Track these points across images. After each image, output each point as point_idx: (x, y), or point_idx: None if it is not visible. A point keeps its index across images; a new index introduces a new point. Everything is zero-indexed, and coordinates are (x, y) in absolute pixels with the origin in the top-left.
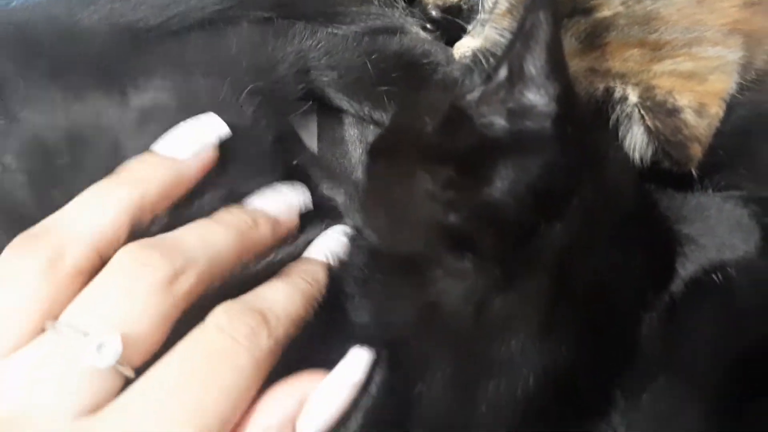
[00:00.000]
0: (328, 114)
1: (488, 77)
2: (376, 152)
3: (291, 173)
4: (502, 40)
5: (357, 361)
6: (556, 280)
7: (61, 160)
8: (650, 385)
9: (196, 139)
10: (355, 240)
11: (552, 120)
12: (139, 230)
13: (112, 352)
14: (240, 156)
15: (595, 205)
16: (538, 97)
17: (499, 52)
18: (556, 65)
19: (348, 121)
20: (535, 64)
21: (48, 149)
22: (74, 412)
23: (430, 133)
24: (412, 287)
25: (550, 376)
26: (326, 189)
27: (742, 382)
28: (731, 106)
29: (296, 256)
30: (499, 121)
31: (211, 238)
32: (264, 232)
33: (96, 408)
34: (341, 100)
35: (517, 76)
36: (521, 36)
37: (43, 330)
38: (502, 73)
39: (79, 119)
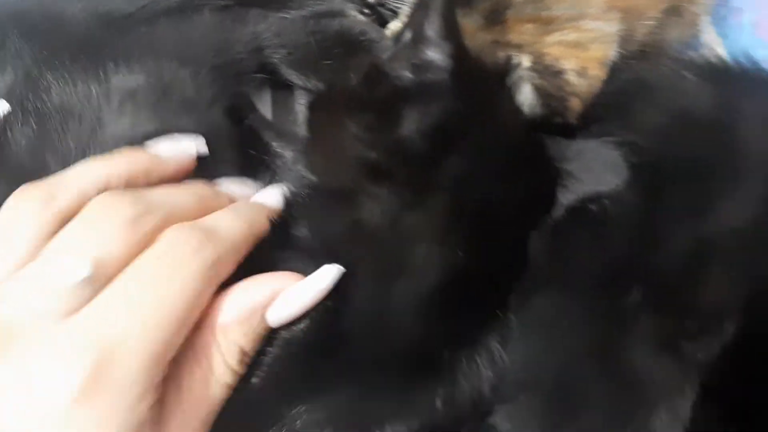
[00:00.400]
0: (281, 87)
1: (397, 40)
2: (314, 107)
3: (246, 137)
4: None
5: (329, 273)
6: (453, 200)
7: (54, 132)
8: (538, 291)
9: (179, 148)
10: (298, 180)
11: (448, 72)
12: None
13: (84, 266)
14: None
15: (487, 141)
16: (436, 55)
17: None
18: (450, 29)
19: (298, 92)
20: (432, 28)
21: (45, 120)
22: (57, 315)
23: (354, 88)
24: (343, 209)
25: (450, 276)
26: (277, 147)
27: (610, 288)
28: (616, 71)
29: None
30: (407, 75)
31: (173, 195)
32: (222, 204)
33: (74, 312)
34: (291, 75)
35: (418, 38)
36: (421, 6)
37: (36, 256)
38: (407, 35)
39: (68, 97)
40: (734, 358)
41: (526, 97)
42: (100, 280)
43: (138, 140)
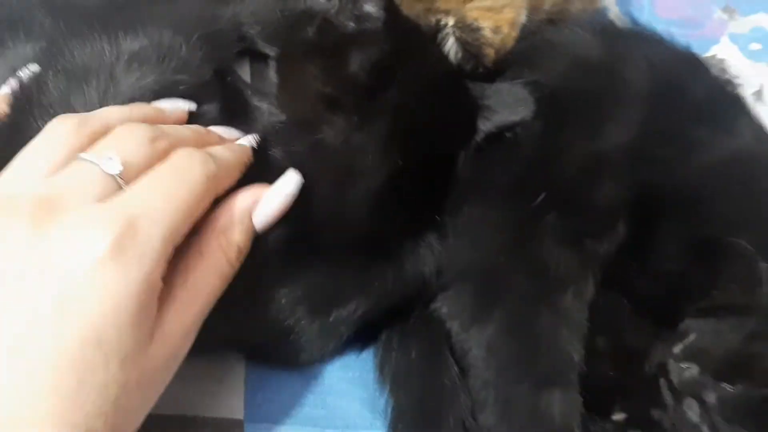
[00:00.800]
0: (258, 58)
1: None
2: (280, 57)
3: (229, 94)
4: None
5: (293, 177)
6: (392, 122)
7: (79, 86)
8: (466, 199)
9: (176, 105)
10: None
11: (382, 22)
12: None
13: (116, 165)
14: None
15: (419, 78)
16: (372, 8)
17: None
18: None
19: (271, 62)
20: None
21: (71, 77)
22: (93, 197)
23: (310, 38)
24: (306, 134)
25: (392, 181)
26: (256, 101)
27: (522, 195)
28: (526, 33)
29: None
30: (351, 24)
31: (179, 129)
32: (214, 142)
33: (106, 198)
34: (265, 47)
35: None
36: None
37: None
38: None
39: (88, 58)
40: (626, 250)
41: (450, 46)
42: (128, 177)
43: (145, 94)
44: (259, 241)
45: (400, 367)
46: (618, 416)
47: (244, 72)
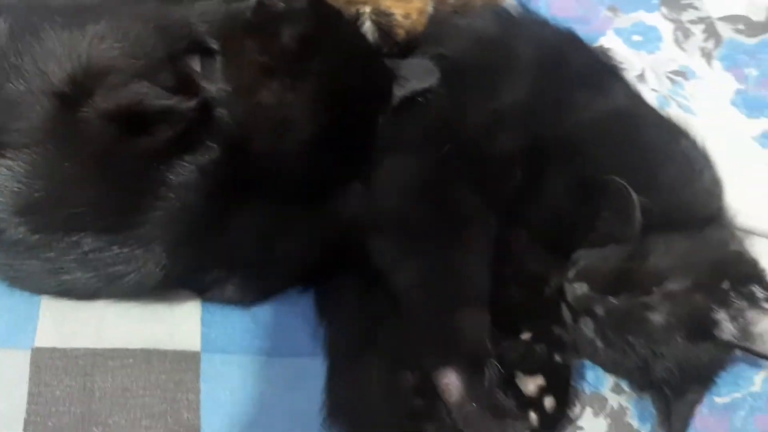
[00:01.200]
0: (206, 52)
1: None
2: (224, 37)
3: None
4: None
5: None
6: (318, 85)
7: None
8: (387, 153)
9: None
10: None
11: (307, 1)
12: None
13: None
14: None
15: (341, 50)
16: None
17: None
18: None
19: (218, 56)
20: None
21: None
22: None
23: (249, 18)
24: (248, 98)
25: (321, 133)
26: (204, 84)
27: (432, 146)
28: (434, 21)
29: None
30: (280, 4)
31: None
32: None
33: None
34: (212, 42)
35: None
36: None
37: None
38: None
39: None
40: (524, 192)
41: (367, 28)
42: None
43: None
44: (209, 179)
45: (336, 300)
46: (525, 335)
47: (195, 64)
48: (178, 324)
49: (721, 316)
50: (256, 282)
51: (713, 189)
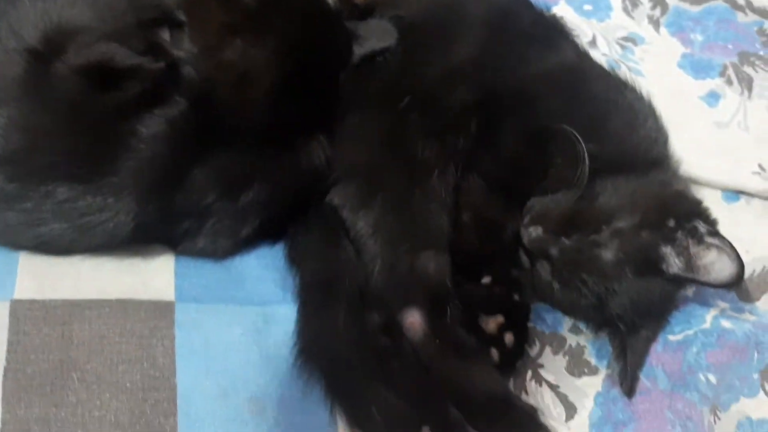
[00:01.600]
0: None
1: None
2: (187, 8)
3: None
4: None
5: None
6: (279, 40)
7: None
8: (348, 109)
9: None
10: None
11: None
12: None
13: None
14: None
15: (296, 7)
16: None
17: None
18: None
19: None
20: None
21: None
22: None
23: None
24: (213, 54)
25: (283, 89)
26: (174, 51)
27: (390, 100)
28: None
29: None
30: None
31: None
32: None
33: None
34: (180, 14)
35: None
36: None
37: None
38: None
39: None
40: (480, 142)
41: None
42: None
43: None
44: (177, 131)
45: (304, 249)
46: (486, 279)
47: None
48: (152, 276)
49: (668, 251)
50: (226, 233)
51: (657, 136)
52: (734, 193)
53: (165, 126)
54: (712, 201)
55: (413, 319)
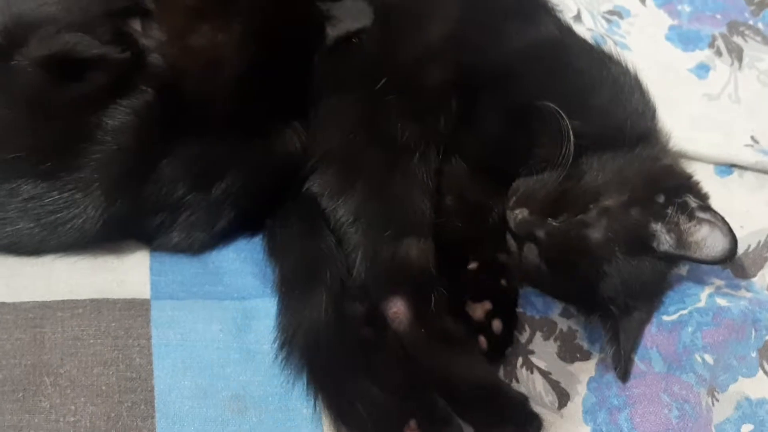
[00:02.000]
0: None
1: None
2: None
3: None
4: None
5: None
6: (247, 24)
7: None
8: (323, 94)
9: None
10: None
11: None
12: None
13: None
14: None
15: None
16: None
17: None
18: None
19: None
20: None
21: None
22: None
23: None
24: (186, 37)
25: (254, 73)
26: (143, 40)
27: (365, 83)
28: None
29: None
30: None
31: None
32: None
33: None
34: (150, 4)
35: None
36: None
37: None
38: None
39: None
40: (461, 123)
41: None
42: None
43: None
44: (144, 121)
45: (283, 241)
46: (472, 265)
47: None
48: (126, 273)
49: (658, 228)
50: (201, 226)
51: (644, 110)
52: (727, 167)
53: (131, 117)
54: (704, 175)
55: (397, 309)
